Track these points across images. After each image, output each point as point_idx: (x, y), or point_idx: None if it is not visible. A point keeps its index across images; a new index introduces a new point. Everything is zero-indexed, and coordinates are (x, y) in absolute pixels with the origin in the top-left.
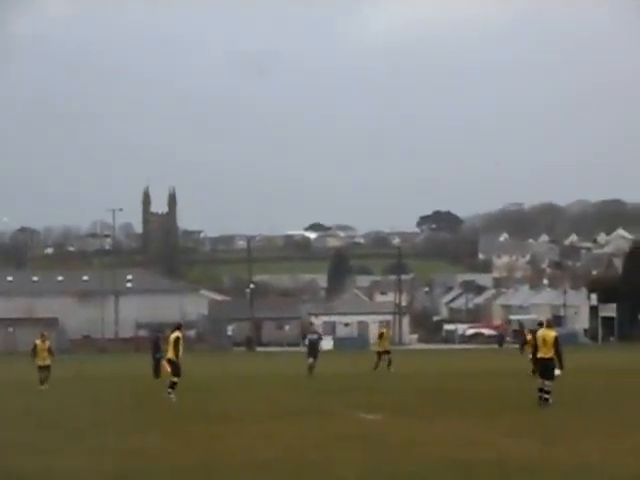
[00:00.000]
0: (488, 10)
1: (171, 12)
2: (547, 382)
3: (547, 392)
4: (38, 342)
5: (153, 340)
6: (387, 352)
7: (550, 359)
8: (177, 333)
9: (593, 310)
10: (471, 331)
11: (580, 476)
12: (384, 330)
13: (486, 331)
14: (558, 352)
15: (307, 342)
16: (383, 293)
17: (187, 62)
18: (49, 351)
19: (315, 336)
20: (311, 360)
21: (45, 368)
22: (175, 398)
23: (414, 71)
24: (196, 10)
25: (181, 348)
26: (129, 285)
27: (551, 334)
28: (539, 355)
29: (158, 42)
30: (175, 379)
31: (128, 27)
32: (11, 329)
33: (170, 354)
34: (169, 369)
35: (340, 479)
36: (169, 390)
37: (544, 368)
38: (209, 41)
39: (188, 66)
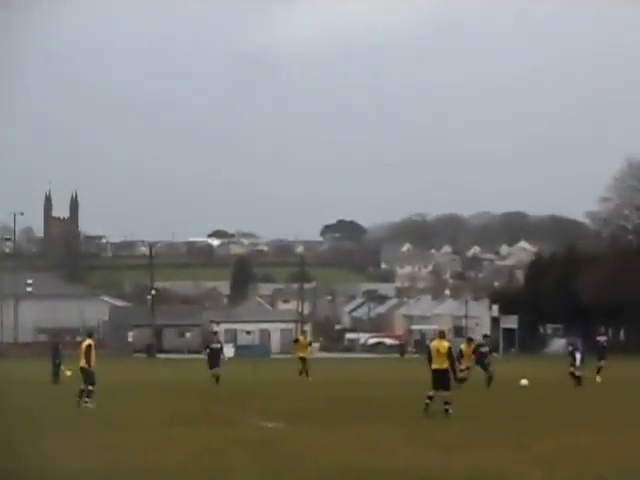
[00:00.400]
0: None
1: None
2: (445, 393)
3: (447, 402)
4: None
5: (53, 345)
6: (302, 359)
7: (445, 370)
8: (89, 340)
9: (495, 321)
10: (373, 340)
11: None
12: (300, 337)
13: (388, 340)
14: (452, 362)
15: (208, 351)
16: (286, 301)
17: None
18: None
19: (218, 345)
20: (216, 369)
21: None
22: (93, 406)
23: (330, 80)
24: None
25: (94, 356)
26: (29, 289)
27: (444, 345)
28: (434, 366)
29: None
30: (90, 387)
31: None
32: None
33: (82, 362)
34: (82, 377)
35: None
36: (85, 399)
37: (440, 379)
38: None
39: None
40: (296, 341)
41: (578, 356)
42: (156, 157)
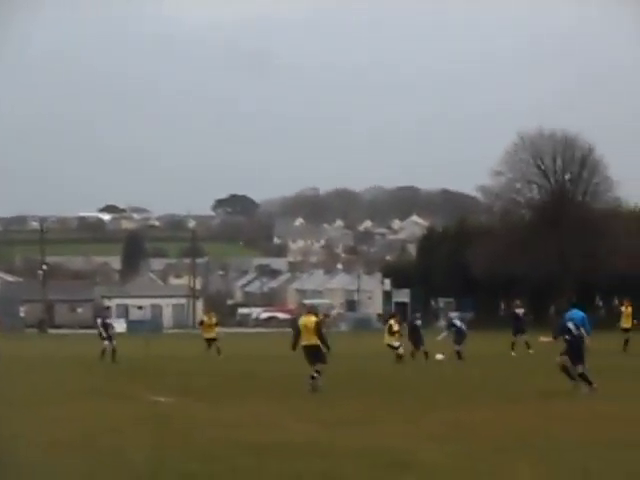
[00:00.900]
0: None
1: None
2: (318, 366)
3: (318, 372)
4: None
5: None
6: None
7: (316, 345)
8: None
9: (387, 295)
10: (265, 315)
11: (367, 459)
12: (204, 318)
13: (281, 315)
14: (321, 336)
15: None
16: (178, 276)
17: None
18: None
19: (110, 320)
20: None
21: None
22: None
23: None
24: None
25: None
26: None
27: (312, 319)
28: (304, 343)
29: None
30: None
31: None
32: None
33: None
34: None
35: (128, 462)
36: None
37: (312, 354)
38: None
39: None
40: (201, 323)
41: (445, 333)
42: (42, 129)
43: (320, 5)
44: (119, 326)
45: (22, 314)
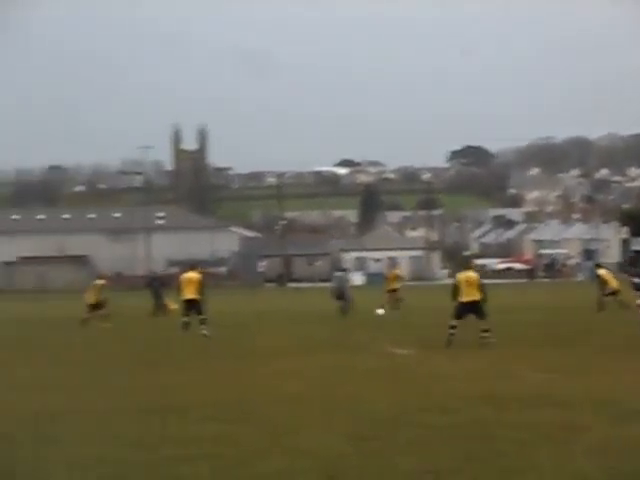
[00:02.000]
0: None
1: None
2: (482, 323)
3: (485, 331)
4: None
5: (154, 279)
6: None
7: (477, 301)
8: (193, 273)
9: (625, 243)
10: (502, 265)
11: (605, 409)
12: (385, 271)
13: (517, 265)
14: (483, 291)
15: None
16: (413, 229)
17: None
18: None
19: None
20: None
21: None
22: (209, 333)
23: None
24: None
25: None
26: (160, 222)
27: (473, 276)
28: (465, 299)
29: None
30: (202, 316)
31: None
32: (43, 267)
33: (189, 294)
34: (188, 308)
35: (369, 412)
36: (202, 328)
37: (474, 309)
38: None
39: None
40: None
41: None
42: (283, 88)
43: None
44: (357, 279)
45: (261, 269)
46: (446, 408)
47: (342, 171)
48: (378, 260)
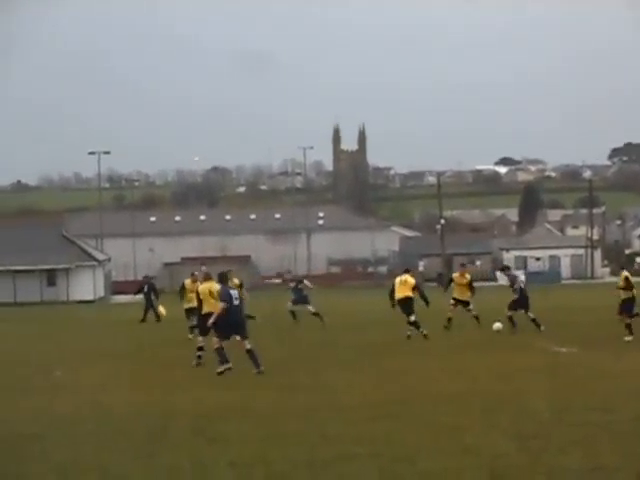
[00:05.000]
0: None
1: None
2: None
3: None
4: (187, 282)
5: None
6: None
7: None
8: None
9: None
10: None
11: None
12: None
13: None
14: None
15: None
16: (574, 227)
17: None
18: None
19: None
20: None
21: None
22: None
23: None
24: None
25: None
26: (320, 222)
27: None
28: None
29: None
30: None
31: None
32: (204, 267)
33: None
34: None
35: (531, 411)
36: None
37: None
38: None
39: None
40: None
41: None
42: (443, 88)
43: None
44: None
45: (421, 268)
46: (609, 406)
47: (502, 169)
48: (539, 259)
